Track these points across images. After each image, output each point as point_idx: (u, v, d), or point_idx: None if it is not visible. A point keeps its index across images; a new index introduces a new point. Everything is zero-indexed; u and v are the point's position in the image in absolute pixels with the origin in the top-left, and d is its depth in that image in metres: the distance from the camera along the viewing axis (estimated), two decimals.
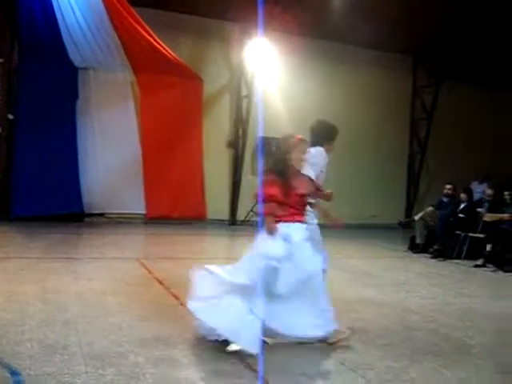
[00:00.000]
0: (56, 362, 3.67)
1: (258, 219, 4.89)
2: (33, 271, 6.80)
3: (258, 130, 13.31)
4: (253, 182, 13.96)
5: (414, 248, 10.90)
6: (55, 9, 11.40)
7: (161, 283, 6.41)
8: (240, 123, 14.44)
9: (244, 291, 4.20)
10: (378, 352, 4.29)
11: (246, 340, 4.00)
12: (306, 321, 4.28)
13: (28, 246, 9.08)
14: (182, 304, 5.42)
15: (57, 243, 9.58)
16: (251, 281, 4.18)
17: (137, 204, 13.15)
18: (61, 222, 11.92)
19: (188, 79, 13.33)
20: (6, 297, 5.35)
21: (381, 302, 6.20)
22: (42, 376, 3.42)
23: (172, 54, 12.48)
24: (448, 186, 11.15)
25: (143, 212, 13.31)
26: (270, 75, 14.11)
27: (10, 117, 12.40)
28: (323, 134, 5.30)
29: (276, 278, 4.20)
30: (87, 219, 12.95)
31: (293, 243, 4.31)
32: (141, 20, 11.72)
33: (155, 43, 12.07)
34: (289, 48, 13.77)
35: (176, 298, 5.72)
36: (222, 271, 4.44)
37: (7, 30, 12.27)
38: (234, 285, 4.30)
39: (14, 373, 3.43)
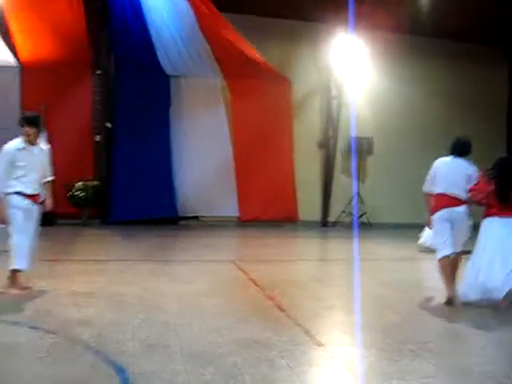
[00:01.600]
0: (157, 360, 3.78)
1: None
2: (132, 273, 7.04)
3: (349, 129, 13.19)
4: (344, 183, 13.86)
5: None
6: (148, 21, 11.81)
7: (256, 285, 6.46)
8: (330, 123, 14.35)
9: None
10: (477, 356, 4.13)
11: None
12: None
13: (127, 249, 9.46)
14: (277, 306, 5.46)
15: (154, 246, 9.90)
16: None
17: (230, 207, 13.38)
18: (156, 226, 12.33)
19: (277, 82, 13.41)
20: (108, 298, 5.57)
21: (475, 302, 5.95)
22: (145, 374, 3.53)
23: (261, 57, 12.60)
24: None
25: (236, 214, 13.51)
26: (359, 74, 13.93)
27: (109, 125, 12.96)
28: None
29: None
30: (181, 222, 13.29)
31: None
32: (230, 26, 11.91)
33: (244, 48, 12.23)
34: (378, 45, 13.51)
35: (272, 299, 5.74)
36: None
37: (104, 43, 12.83)
38: None
39: (120, 370, 3.56)
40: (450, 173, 5.97)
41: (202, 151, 13.09)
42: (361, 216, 14.34)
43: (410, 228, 13.81)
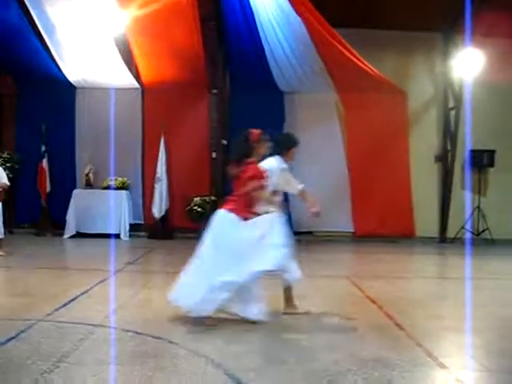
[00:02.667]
0: (277, 376, 3.82)
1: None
2: None
3: (468, 143, 12.68)
4: (463, 198, 13.33)
5: None
6: (262, 39, 12.03)
7: (373, 302, 6.35)
8: (448, 136, 13.88)
9: None
10: None
11: None
12: None
13: None
14: (397, 324, 5.33)
15: None
16: None
17: (344, 222, 13.27)
18: None
19: (392, 94, 13.18)
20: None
21: None
22: None
23: (375, 70, 12.45)
24: None
25: (350, 230, 13.38)
26: (478, 84, 13.37)
27: (225, 142, 13.32)
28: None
29: None
30: (296, 237, 13.30)
31: None
32: (343, 40, 11.88)
33: (358, 62, 12.14)
34: (498, 53, 12.92)
35: (390, 317, 5.62)
36: None
37: (220, 62, 13.25)
38: None
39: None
40: None
41: (316, 166, 13.09)
42: (482, 232, 13.72)
43: None
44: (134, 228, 12.99)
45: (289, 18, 11.50)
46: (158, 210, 12.75)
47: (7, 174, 10.14)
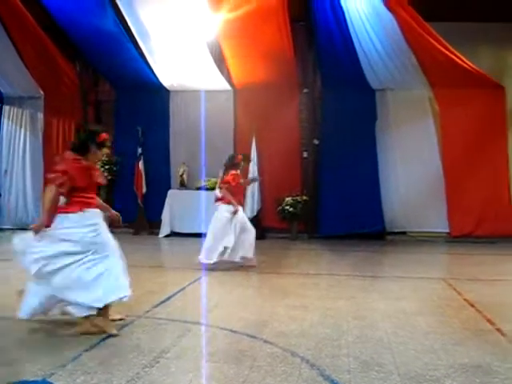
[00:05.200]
0: (373, 378, 3.76)
1: None
2: (343, 288, 7.11)
3: None
4: None
5: None
6: (352, 36, 11.90)
7: (472, 306, 6.12)
8: None
9: None
10: None
11: None
12: None
13: (336, 264, 9.56)
14: (497, 329, 5.12)
15: (362, 261, 9.88)
16: None
17: (439, 222, 12.87)
18: (363, 241, 12.31)
19: (489, 90, 12.64)
20: (322, 312, 5.68)
21: None
22: None
23: (471, 65, 12.00)
24: None
25: (446, 230, 12.96)
26: None
27: (316, 142, 13.30)
28: None
29: None
30: (389, 237, 13.10)
31: None
32: (436, 34, 11.54)
33: (452, 56, 11.75)
34: None
35: (490, 322, 5.40)
36: None
37: (310, 62, 13.24)
38: None
39: None
40: None
41: (410, 165, 12.81)
42: None
43: None
44: None
45: (379, 14, 11.31)
46: (250, 210, 12.87)
47: (106, 176, 10.58)
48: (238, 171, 8.70)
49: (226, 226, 8.42)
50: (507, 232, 12.79)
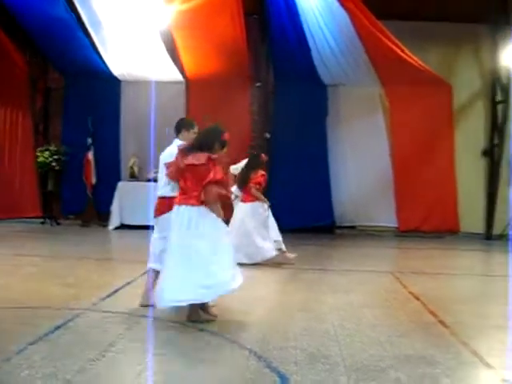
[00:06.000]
0: (319, 370, 3.80)
1: None
2: (292, 281, 7.18)
3: None
4: (510, 193, 13.01)
5: None
6: (305, 31, 11.97)
7: (417, 299, 6.27)
8: (496, 130, 13.56)
9: None
10: None
11: None
12: None
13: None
14: (440, 321, 5.26)
15: (311, 255, 9.99)
16: None
17: (388, 216, 13.14)
18: (313, 234, 12.44)
19: (437, 87, 12.94)
20: (270, 305, 5.72)
21: None
22: (308, 383, 3.56)
23: (420, 63, 12.25)
24: None
25: (394, 225, 13.24)
26: None
27: (267, 136, 13.34)
28: None
29: None
30: (338, 231, 13.28)
31: None
32: (388, 32, 11.72)
33: (402, 54, 11.96)
34: None
35: (434, 315, 5.54)
36: None
37: (263, 55, 13.26)
38: None
39: (282, 377, 3.63)
40: None
41: (360, 160, 13.01)
42: None
43: None
44: None
45: (333, 10, 11.41)
46: None
47: (54, 166, 10.35)
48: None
49: (267, 222, 8.42)
50: (453, 227, 13.18)
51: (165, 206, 5.28)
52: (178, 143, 5.46)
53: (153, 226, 5.60)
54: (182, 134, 5.67)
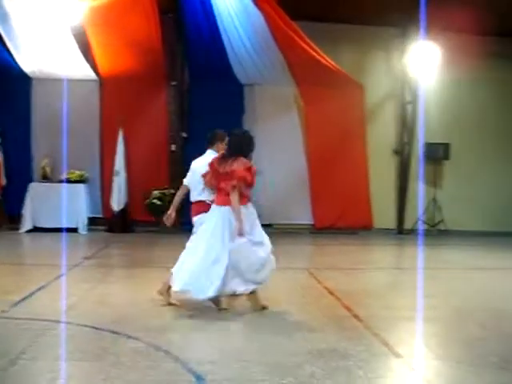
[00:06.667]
0: (235, 368, 3.83)
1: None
2: None
3: (424, 135, 12.94)
4: (420, 190, 13.59)
5: None
6: (221, 31, 12.00)
7: (331, 294, 6.44)
8: (405, 130, 14.12)
9: None
10: None
11: None
12: None
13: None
14: (354, 315, 5.42)
15: None
16: None
17: (304, 214, 13.40)
18: None
19: (350, 88, 13.31)
20: (188, 305, 5.68)
21: None
22: (224, 382, 3.58)
23: (333, 64, 12.56)
24: None
25: (310, 222, 13.50)
26: (434, 78, 13.62)
27: (184, 135, 13.26)
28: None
29: None
30: None
31: None
32: (301, 33, 11.95)
33: (316, 55, 12.23)
34: (453, 47, 13.15)
35: (347, 309, 5.71)
36: None
37: (179, 54, 13.17)
38: None
39: (198, 377, 3.63)
40: None
41: (276, 159, 13.17)
42: (437, 223, 14.04)
43: (489, 236, 13.45)
44: (92, 222, 12.81)
45: (248, 11, 11.51)
46: (116, 204, 12.61)
47: None
48: None
49: None
50: (367, 223, 13.61)
51: (203, 208, 5.84)
52: (211, 154, 5.97)
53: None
54: (216, 146, 6.09)
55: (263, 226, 13.48)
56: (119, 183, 12.65)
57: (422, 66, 13.16)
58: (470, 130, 14.00)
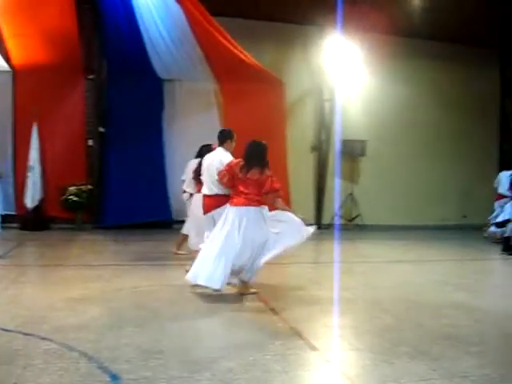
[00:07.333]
0: (152, 366, 3.79)
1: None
2: (127, 278, 7.05)
3: (342, 132, 13.27)
4: (337, 185, 13.93)
5: (510, 249, 10.43)
6: (139, 24, 11.81)
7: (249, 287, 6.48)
8: (323, 126, 14.41)
9: None
10: (473, 359, 4.12)
11: None
12: None
13: (121, 254, 9.44)
14: (271, 309, 5.50)
15: (148, 250, 9.88)
16: None
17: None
18: (151, 230, 12.35)
19: (270, 85, 13.40)
20: (104, 304, 5.58)
21: (473, 306, 5.99)
22: (140, 380, 3.54)
23: (253, 61, 12.62)
24: None
25: None
26: (351, 76, 13.99)
27: (101, 129, 12.97)
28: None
29: None
30: (176, 226, 13.27)
31: None
32: (222, 29, 11.94)
33: (237, 52, 12.25)
34: (370, 47, 13.56)
35: (265, 302, 5.79)
36: None
37: (96, 47, 12.85)
38: None
39: (114, 377, 3.58)
40: None
41: (195, 155, 13.08)
42: (354, 218, 14.45)
43: (405, 230, 13.97)
44: (4, 219, 12.29)
45: (167, 4, 11.38)
46: (30, 200, 12.17)
47: None
48: None
49: None
50: None
51: (219, 201, 6.42)
52: (222, 151, 6.82)
53: None
54: (227, 144, 6.90)
55: (183, 222, 13.45)
56: (34, 179, 12.22)
57: (340, 64, 13.48)
58: (387, 128, 14.47)
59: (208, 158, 6.87)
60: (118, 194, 12.52)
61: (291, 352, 4.22)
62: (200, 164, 8.17)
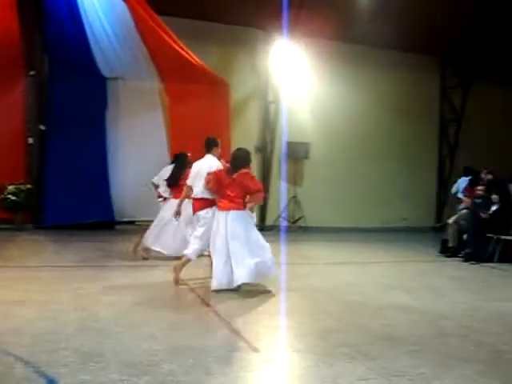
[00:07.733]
0: (91, 370, 3.73)
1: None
2: (66, 279, 6.91)
3: (285, 135, 13.39)
4: (281, 187, 14.05)
5: (447, 251, 10.78)
6: (84, 21, 11.62)
7: (192, 291, 6.46)
8: (267, 129, 14.50)
9: None
10: (410, 359, 4.24)
11: None
12: None
13: (61, 255, 9.26)
14: (213, 312, 5.50)
15: (89, 252, 9.70)
16: None
17: None
18: (92, 231, 12.13)
19: (215, 86, 13.42)
20: (41, 306, 5.45)
21: (411, 307, 6.15)
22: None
23: (199, 61, 12.59)
24: (480, 188, 11.03)
25: None
26: (296, 80, 14.14)
27: (42, 127, 12.66)
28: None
29: None
30: (118, 227, 13.11)
31: None
32: (168, 29, 11.86)
33: (182, 52, 12.20)
34: (315, 52, 13.79)
35: (207, 305, 5.79)
36: None
37: (38, 44, 12.53)
38: None
39: (51, 381, 3.50)
40: None
41: (140, 155, 12.95)
42: (297, 220, 14.59)
43: (346, 232, 14.21)
44: None
45: (113, 2, 11.21)
46: None
47: None
48: None
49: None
50: None
51: (205, 204, 6.85)
52: (210, 157, 7.17)
53: None
54: (214, 150, 7.24)
55: (126, 222, 13.25)
56: None
57: (286, 67, 13.61)
58: (330, 131, 14.70)
59: (197, 165, 7.18)
60: (57, 194, 12.23)
61: (232, 354, 4.23)
62: (174, 171, 9.08)
